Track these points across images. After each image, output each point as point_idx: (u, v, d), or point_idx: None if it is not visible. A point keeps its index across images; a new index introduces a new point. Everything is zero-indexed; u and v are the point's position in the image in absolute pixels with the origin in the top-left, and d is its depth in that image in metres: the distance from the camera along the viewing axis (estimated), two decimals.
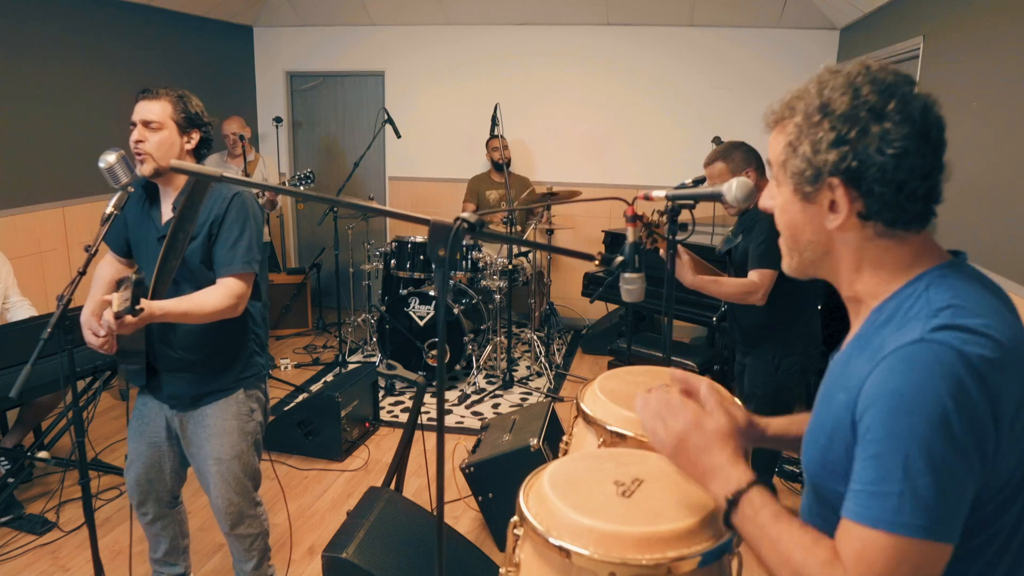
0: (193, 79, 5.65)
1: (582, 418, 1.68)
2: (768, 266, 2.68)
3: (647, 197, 2.11)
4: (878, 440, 0.87)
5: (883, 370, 0.89)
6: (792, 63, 5.61)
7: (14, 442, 3.35)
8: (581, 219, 5.90)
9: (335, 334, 5.72)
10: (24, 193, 4.25)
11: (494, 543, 2.97)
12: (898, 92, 0.93)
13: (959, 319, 0.89)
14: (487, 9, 5.88)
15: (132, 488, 2.37)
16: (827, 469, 0.97)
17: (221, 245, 2.12)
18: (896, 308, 0.96)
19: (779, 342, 2.83)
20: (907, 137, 0.92)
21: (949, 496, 0.85)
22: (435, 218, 1.13)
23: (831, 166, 0.95)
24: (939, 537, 0.85)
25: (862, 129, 0.93)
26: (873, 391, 0.89)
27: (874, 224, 0.97)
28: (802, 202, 1.01)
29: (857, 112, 0.93)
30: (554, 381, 4.95)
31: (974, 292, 0.94)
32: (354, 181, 5.67)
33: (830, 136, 0.95)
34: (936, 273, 0.96)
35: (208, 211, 2.12)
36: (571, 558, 1.14)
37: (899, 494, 0.85)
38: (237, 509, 2.34)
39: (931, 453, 0.84)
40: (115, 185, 2.08)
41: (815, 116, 0.96)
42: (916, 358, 0.87)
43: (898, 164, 0.92)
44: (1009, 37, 2.91)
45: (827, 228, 1.00)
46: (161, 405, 2.30)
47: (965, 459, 0.85)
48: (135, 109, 2.12)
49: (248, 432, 2.31)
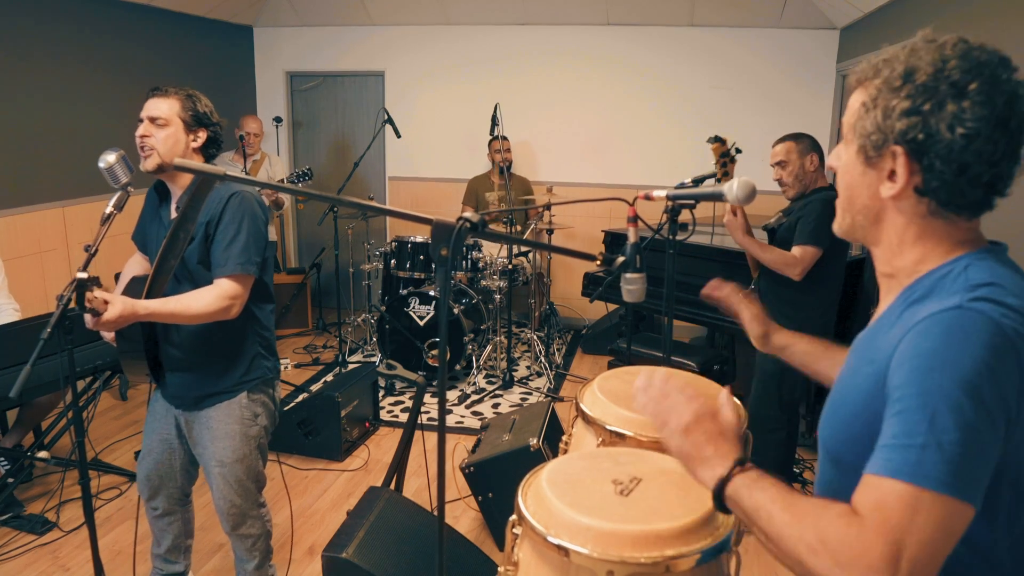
0: (193, 79, 5.65)
1: (581, 418, 1.68)
2: (813, 243, 2.82)
3: (648, 197, 2.11)
4: (907, 396, 0.86)
5: (917, 332, 0.88)
6: (792, 63, 5.61)
7: (14, 442, 3.35)
8: (581, 219, 5.90)
9: (335, 334, 5.72)
10: (24, 193, 4.25)
11: (494, 543, 2.97)
12: (986, 72, 0.91)
13: (998, 295, 0.89)
14: (487, 9, 5.88)
15: (143, 482, 2.38)
16: (853, 442, 0.95)
17: (216, 246, 2.10)
18: (931, 287, 0.95)
19: (794, 324, 2.86)
20: (982, 119, 0.90)
21: (974, 457, 0.83)
22: (438, 217, 1.13)
23: (898, 134, 0.94)
24: (959, 494, 0.83)
25: (938, 103, 0.91)
26: (906, 352, 0.88)
27: (928, 201, 0.96)
28: (863, 165, 1.00)
29: (938, 85, 0.91)
30: (554, 381, 4.95)
31: (1012, 276, 0.94)
32: (354, 181, 5.67)
33: (904, 104, 0.93)
34: (976, 255, 0.96)
35: (205, 211, 2.11)
36: (570, 557, 1.14)
37: (922, 446, 0.83)
38: (239, 511, 2.34)
39: (960, 414, 0.83)
40: (115, 185, 2.08)
41: (896, 82, 0.95)
42: (953, 322, 0.87)
43: (966, 145, 0.90)
44: (1009, 37, 2.91)
45: (881, 196, 0.99)
46: (168, 405, 2.31)
47: (993, 426, 0.84)
48: (144, 106, 2.14)
49: (251, 436, 2.28)
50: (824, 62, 5.55)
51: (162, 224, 2.21)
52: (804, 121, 4.45)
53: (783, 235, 3.02)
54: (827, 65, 5.54)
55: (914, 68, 0.94)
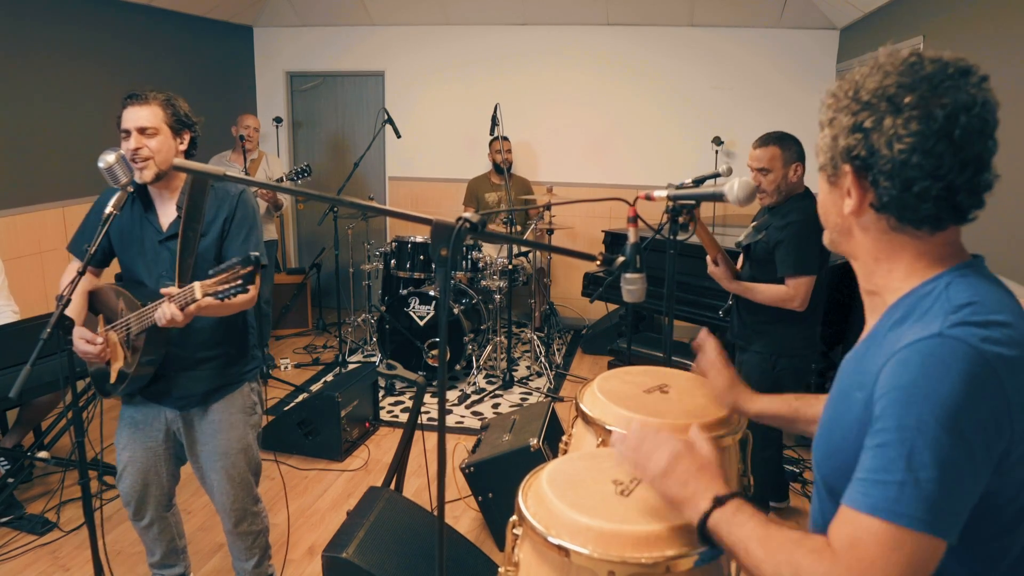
0: (193, 79, 5.66)
1: (581, 418, 1.68)
2: (803, 272, 2.66)
3: (648, 197, 2.11)
4: (885, 430, 0.86)
5: (897, 363, 0.88)
6: (792, 63, 5.61)
7: (14, 442, 3.35)
8: (581, 219, 5.90)
9: (335, 334, 5.72)
10: (24, 193, 4.25)
11: (494, 543, 2.97)
12: (923, 86, 0.89)
13: (979, 316, 0.87)
14: (487, 9, 5.88)
15: (128, 496, 2.36)
16: (844, 468, 0.94)
17: (233, 240, 2.19)
18: (913, 306, 0.94)
19: (778, 339, 2.83)
20: (918, 134, 0.88)
21: (952, 493, 0.83)
22: (437, 218, 1.13)
23: (843, 152, 0.95)
24: (936, 531, 0.83)
25: (878, 119, 0.91)
26: (886, 383, 0.88)
27: (887, 217, 0.95)
28: (828, 183, 1.01)
29: (878, 101, 0.91)
30: (554, 381, 4.95)
31: (994, 292, 0.93)
32: (354, 181, 5.67)
33: (849, 121, 0.94)
34: (956, 272, 0.94)
35: (217, 208, 2.18)
36: (570, 557, 1.14)
37: (900, 483, 0.83)
38: (241, 506, 2.36)
39: (938, 449, 0.82)
40: (115, 185, 2.09)
41: (845, 100, 0.95)
42: (932, 352, 0.86)
43: (906, 160, 0.89)
44: (1009, 37, 2.91)
45: (844, 213, 0.99)
46: (160, 409, 2.29)
47: (972, 459, 0.84)
48: (125, 116, 2.09)
49: (252, 425, 2.38)
50: (824, 62, 5.54)
51: (152, 228, 2.19)
52: (804, 121, 4.43)
53: (761, 256, 2.82)
54: (827, 65, 5.54)
55: (859, 85, 0.94)
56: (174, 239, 2.13)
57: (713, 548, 1.08)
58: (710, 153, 5.66)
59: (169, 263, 2.15)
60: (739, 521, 0.98)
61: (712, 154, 5.64)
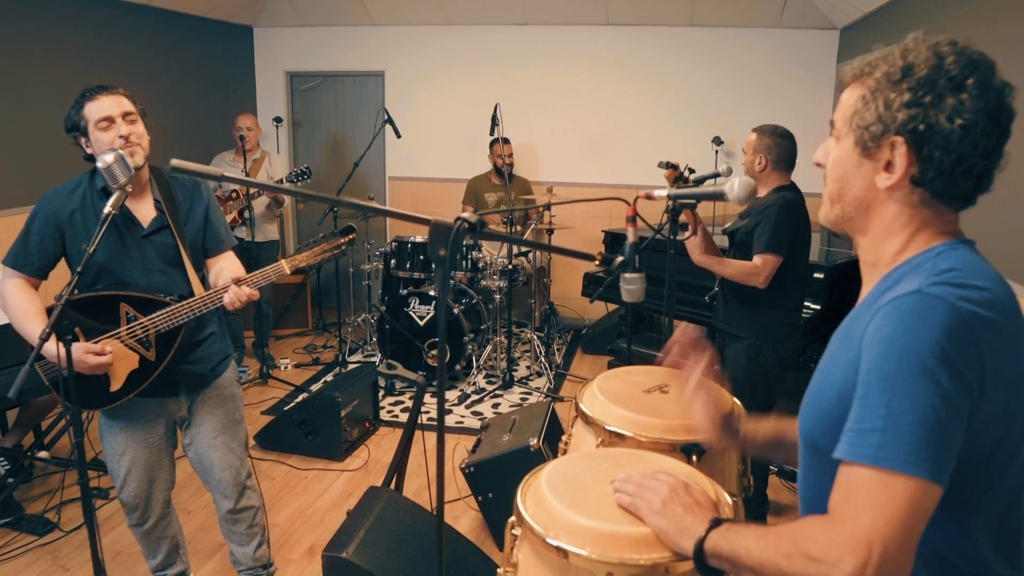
0: (193, 79, 5.66)
1: (581, 418, 1.68)
2: (772, 251, 2.75)
3: (649, 197, 2.11)
4: (868, 383, 0.90)
5: (878, 319, 0.92)
6: (792, 63, 5.61)
7: (13, 442, 3.35)
8: (581, 219, 5.89)
9: (335, 334, 5.72)
10: (24, 193, 4.25)
11: (494, 543, 2.97)
12: (981, 68, 0.96)
13: (959, 279, 0.92)
14: (487, 9, 5.88)
15: (135, 501, 2.34)
16: (832, 428, 0.97)
17: (213, 225, 2.33)
18: (905, 274, 0.99)
19: (761, 327, 2.89)
20: (979, 112, 0.94)
21: (933, 435, 0.86)
22: (436, 218, 1.13)
23: (899, 124, 0.97)
24: (922, 472, 0.85)
25: (938, 95, 0.95)
26: (870, 338, 0.92)
27: (921, 192, 0.99)
28: (860, 156, 1.03)
29: (937, 79, 0.95)
30: (554, 381, 4.95)
31: (980, 264, 0.98)
32: (354, 181, 5.67)
33: (905, 96, 0.97)
34: (950, 245, 1.00)
35: (190, 199, 2.28)
36: (569, 558, 1.14)
37: (882, 429, 0.87)
38: (240, 480, 2.44)
39: (915, 396, 0.86)
40: (114, 185, 2.08)
41: (896, 75, 0.98)
42: (911, 307, 0.90)
43: (964, 136, 0.94)
44: (1009, 37, 2.91)
45: (877, 186, 1.02)
46: (162, 402, 2.29)
47: (950, 404, 0.87)
48: (100, 106, 2.09)
49: (239, 396, 2.48)
50: (824, 62, 5.54)
51: (134, 224, 2.19)
52: (804, 121, 4.44)
53: (741, 239, 2.93)
54: (827, 65, 5.53)
55: (912, 63, 0.98)
56: (158, 233, 2.19)
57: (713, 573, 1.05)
58: (710, 153, 5.65)
59: (161, 256, 2.20)
60: (736, 530, 1.01)
61: (712, 154, 5.64)
